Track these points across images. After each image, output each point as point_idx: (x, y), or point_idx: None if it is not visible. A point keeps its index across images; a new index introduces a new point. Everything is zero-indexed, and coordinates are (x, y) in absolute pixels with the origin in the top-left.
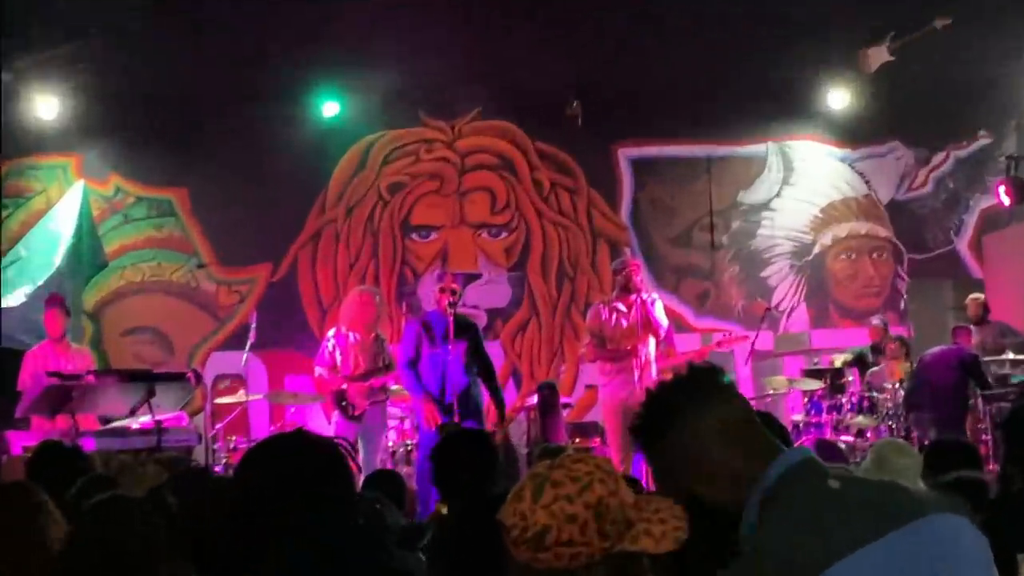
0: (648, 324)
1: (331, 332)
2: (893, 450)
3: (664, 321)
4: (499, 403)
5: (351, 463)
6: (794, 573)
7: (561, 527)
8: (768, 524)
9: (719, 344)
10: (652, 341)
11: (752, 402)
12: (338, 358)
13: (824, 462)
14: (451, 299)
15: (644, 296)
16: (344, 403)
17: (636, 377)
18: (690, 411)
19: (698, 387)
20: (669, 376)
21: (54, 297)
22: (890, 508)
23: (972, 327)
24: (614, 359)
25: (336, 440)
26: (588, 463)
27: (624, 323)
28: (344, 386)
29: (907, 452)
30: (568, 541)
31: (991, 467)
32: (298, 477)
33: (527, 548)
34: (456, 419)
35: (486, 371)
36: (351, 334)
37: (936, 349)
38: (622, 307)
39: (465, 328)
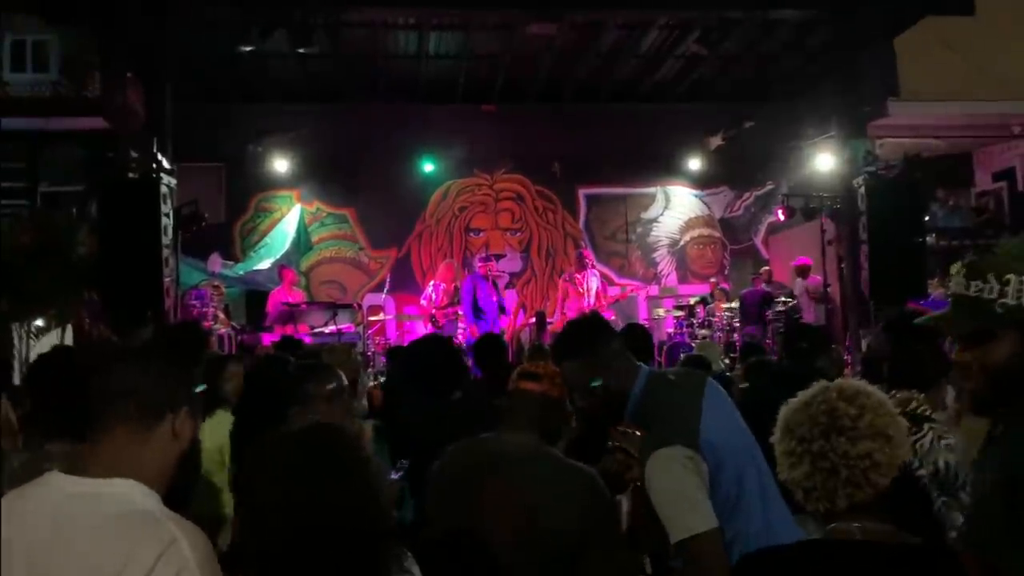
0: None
1: (431, 283)
2: (706, 347)
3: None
4: None
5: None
6: (678, 428)
7: None
8: (651, 397)
9: (630, 292)
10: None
11: (646, 323)
12: (433, 296)
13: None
14: (490, 268)
15: (590, 271)
16: (433, 319)
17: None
18: (600, 338)
19: (601, 325)
20: (580, 316)
21: (285, 267)
22: (695, 383)
23: (763, 283)
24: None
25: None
26: None
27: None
28: (434, 311)
29: (712, 348)
30: None
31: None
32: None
33: None
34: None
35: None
36: (441, 284)
37: (747, 290)
38: (578, 277)
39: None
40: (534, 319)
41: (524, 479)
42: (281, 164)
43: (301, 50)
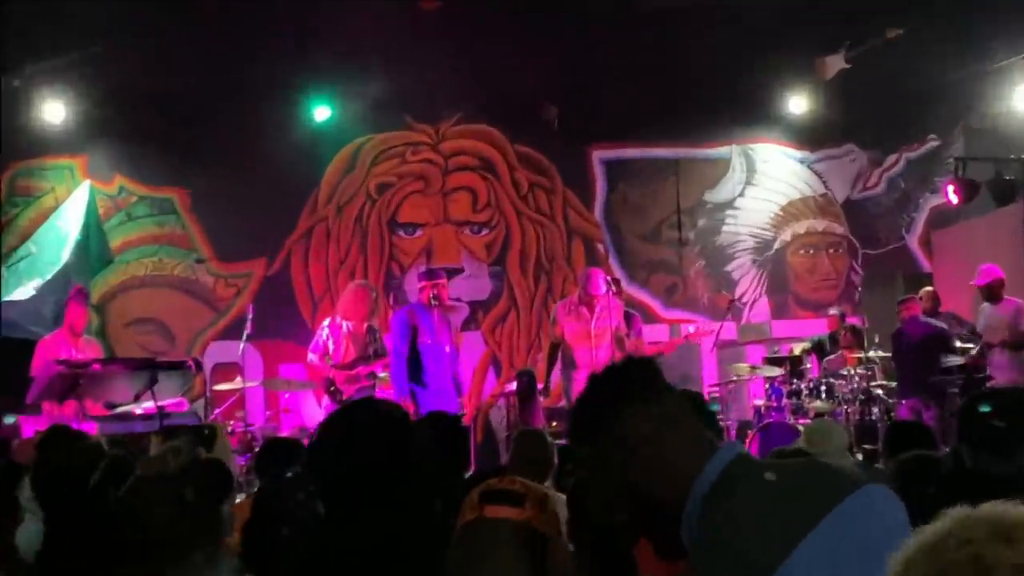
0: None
1: (326, 322)
2: (820, 431)
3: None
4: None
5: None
6: (745, 569)
7: None
8: (713, 521)
9: (688, 336)
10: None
11: (716, 388)
12: (330, 346)
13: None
14: (435, 293)
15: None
16: (333, 389)
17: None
18: (628, 404)
19: (635, 380)
20: (603, 370)
21: (81, 291)
22: (820, 492)
23: (924, 314)
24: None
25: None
26: None
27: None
28: (331, 373)
29: (831, 433)
30: None
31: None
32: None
33: None
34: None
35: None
36: (345, 324)
37: (898, 329)
38: (585, 308)
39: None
40: (515, 384)
41: None
42: (55, 111)
43: None
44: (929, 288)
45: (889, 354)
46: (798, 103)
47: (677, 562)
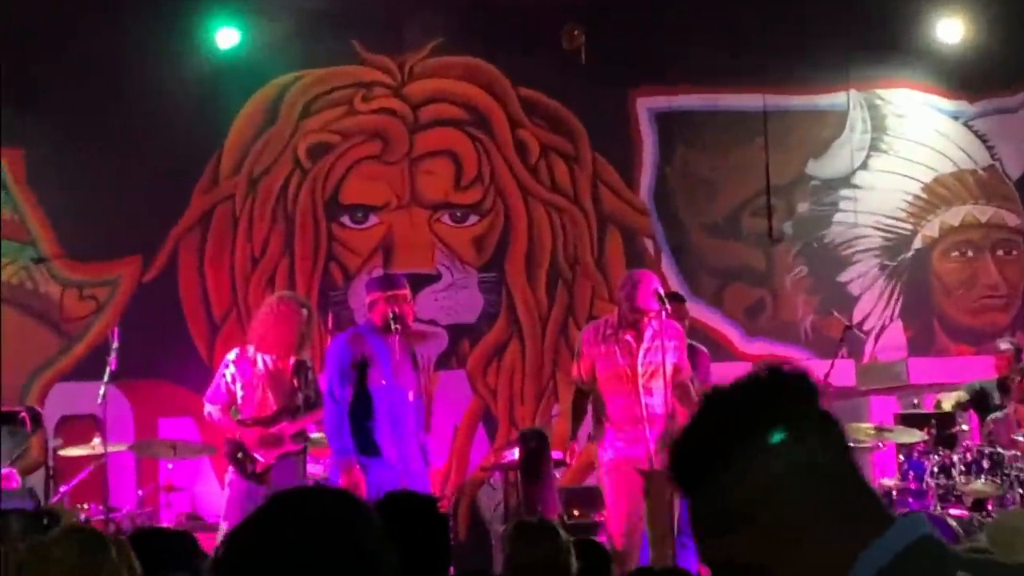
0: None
1: (231, 355)
2: (1012, 529)
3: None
4: None
5: None
6: None
7: None
8: None
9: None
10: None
11: None
12: (238, 392)
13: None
14: (394, 311)
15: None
16: (241, 455)
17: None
18: (764, 434)
19: (779, 402)
20: (731, 384)
21: None
22: None
23: None
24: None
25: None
26: None
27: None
28: (237, 434)
29: (1016, 524)
30: None
31: None
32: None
33: None
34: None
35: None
36: (261, 358)
37: None
38: (629, 335)
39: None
40: (517, 451)
41: None
42: None
43: None
44: None
45: None
46: (951, 28)
47: None
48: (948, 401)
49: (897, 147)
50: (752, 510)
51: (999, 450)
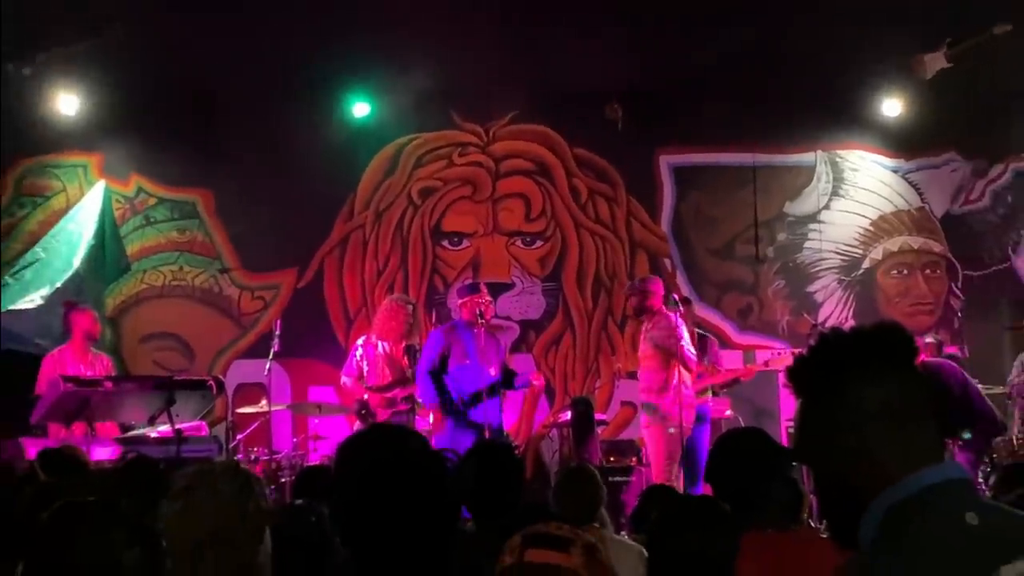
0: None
1: (360, 340)
2: None
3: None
4: None
5: None
6: None
7: None
8: (886, 551)
9: (767, 363)
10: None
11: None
12: (365, 368)
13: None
14: (480, 309)
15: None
16: (364, 412)
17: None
18: (873, 368)
19: (887, 344)
20: (849, 328)
21: (77, 308)
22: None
23: None
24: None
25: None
26: None
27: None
28: (365, 394)
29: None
30: None
31: None
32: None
33: None
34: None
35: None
36: (381, 344)
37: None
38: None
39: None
40: (570, 412)
41: None
42: (68, 103)
43: None
44: None
45: (997, 389)
46: (892, 105)
47: (844, 552)
48: None
49: (852, 193)
50: (842, 429)
51: None
